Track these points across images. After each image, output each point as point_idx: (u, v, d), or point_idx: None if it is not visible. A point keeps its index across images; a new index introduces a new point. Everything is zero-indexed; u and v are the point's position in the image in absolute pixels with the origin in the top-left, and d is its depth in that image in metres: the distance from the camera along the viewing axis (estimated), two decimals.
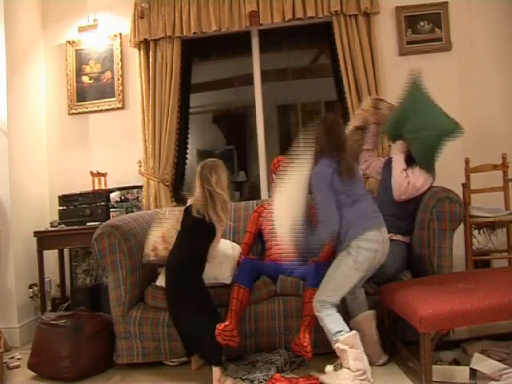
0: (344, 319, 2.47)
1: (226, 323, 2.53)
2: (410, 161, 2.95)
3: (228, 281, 2.90)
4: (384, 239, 2.51)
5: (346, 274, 2.46)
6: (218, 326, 2.49)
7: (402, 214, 2.95)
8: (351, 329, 2.43)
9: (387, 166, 3.11)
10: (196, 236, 2.65)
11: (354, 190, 2.53)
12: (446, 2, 3.90)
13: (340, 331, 2.39)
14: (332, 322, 2.43)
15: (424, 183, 2.88)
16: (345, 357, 2.35)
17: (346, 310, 2.66)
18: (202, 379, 2.63)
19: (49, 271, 3.89)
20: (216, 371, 2.47)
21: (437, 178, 2.96)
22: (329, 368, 2.50)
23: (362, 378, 2.31)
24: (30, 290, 3.78)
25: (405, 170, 2.91)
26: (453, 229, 2.74)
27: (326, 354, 2.64)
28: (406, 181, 2.87)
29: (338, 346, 2.38)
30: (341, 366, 2.40)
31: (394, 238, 2.91)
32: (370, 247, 2.43)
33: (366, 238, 2.43)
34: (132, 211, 3.78)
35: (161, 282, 2.91)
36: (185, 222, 2.72)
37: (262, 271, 2.97)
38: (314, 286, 2.68)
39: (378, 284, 2.78)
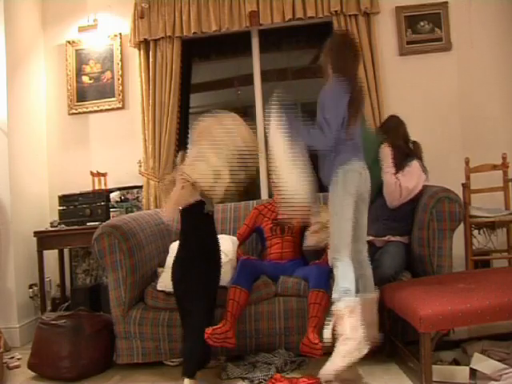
0: None
1: (217, 326, 2.51)
2: (399, 163, 2.95)
3: (228, 284, 2.90)
4: (364, 166, 2.55)
5: (340, 204, 2.43)
6: (206, 329, 2.45)
7: (399, 216, 2.94)
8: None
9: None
10: None
11: (352, 131, 2.49)
12: (446, 2, 3.90)
13: (347, 290, 2.33)
14: (343, 275, 2.37)
15: (417, 184, 2.89)
16: (341, 322, 2.30)
17: None
18: (202, 379, 2.64)
19: (49, 271, 3.89)
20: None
21: (429, 173, 2.95)
22: (326, 332, 2.39)
23: (359, 346, 2.26)
24: (30, 290, 3.78)
25: (394, 174, 2.91)
26: (453, 229, 2.74)
27: (329, 354, 2.66)
28: (397, 186, 2.87)
29: (338, 306, 2.33)
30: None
31: (392, 239, 2.92)
32: (354, 168, 2.46)
33: (351, 163, 2.46)
34: (132, 211, 3.78)
35: (161, 286, 2.91)
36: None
37: (262, 272, 2.97)
38: (318, 287, 2.68)
39: (377, 285, 2.77)
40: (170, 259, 3.07)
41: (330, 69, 2.55)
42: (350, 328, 2.29)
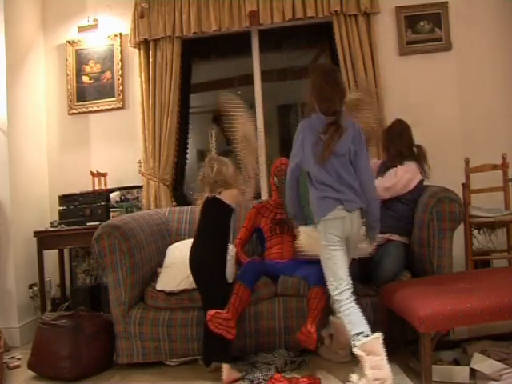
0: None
1: (222, 311, 2.51)
2: (396, 158, 2.97)
3: (230, 280, 2.90)
4: (348, 210, 2.39)
5: (327, 252, 2.38)
6: (208, 311, 2.48)
7: (397, 215, 2.94)
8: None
9: (380, 169, 3.12)
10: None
11: (325, 170, 2.39)
12: (446, 2, 3.90)
13: (358, 333, 2.24)
14: (350, 322, 2.30)
15: (397, 183, 2.90)
16: (362, 363, 2.21)
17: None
18: (202, 379, 2.64)
19: (49, 271, 3.89)
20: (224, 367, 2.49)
21: (429, 173, 2.96)
22: (353, 377, 2.29)
23: None
24: (30, 290, 3.78)
25: (387, 188, 2.92)
26: (453, 229, 2.74)
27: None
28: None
29: (355, 351, 2.24)
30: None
31: (392, 238, 2.91)
32: (334, 216, 2.36)
33: (330, 218, 2.37)
34: (132, 211, 3.78)
35: (161, 285, 2.92)
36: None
37: (264, 272, 2.97)
38: (318, 284, 2.68)
39: (377, 286, 2.78)
40: (168, 260, 3.08)
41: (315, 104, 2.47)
42: (370, 368, 2.17)
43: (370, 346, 2.20)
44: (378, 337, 2.22)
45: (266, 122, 4.27)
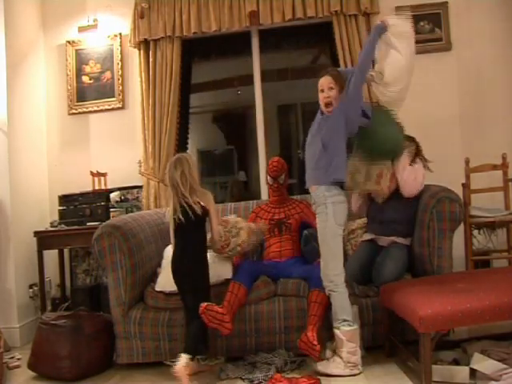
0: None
1: (215, 305, 2.54)
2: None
3: (230, 275, 2.91)
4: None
5: (333, 236, 2.56)
6: (201, 304, 2.51)
7: (402, 218, 2.93)
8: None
9: None
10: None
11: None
12: (446, 2, 3.90)
13: (346, 320, 2.51)
14: (341, 306, 2.53)
15: (423, 177, 2.89)
16: (340, 345, 2.50)
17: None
18: (202, 379, 2.64)
19: (49, 271, 3.89)
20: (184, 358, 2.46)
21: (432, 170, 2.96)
22: (328, 353, 2.61)
23: (351, 367, 2.49)
24: (30, 290, 3.78)
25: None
26: (453, 229, 2.74)
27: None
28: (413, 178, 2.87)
29: (337, 333, 2.51)
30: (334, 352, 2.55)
31: (396, 240, 2.90)
32: (342, 200, 2.59)
33: (340, 195, 2.59)
34: (132, 211, 3.78)
35: (160, 286, 2.92)
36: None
37: (262, 272, 2.97)
38: (318, 287, 2.68)
39: (377, 287, 2.77)
40: (165, 261, 3.08)
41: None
42: (347, 352, 2.48)
43: (350, 334, 2.49)
44: (358, 328, 2.54)
45: (266, 122, 4.27)
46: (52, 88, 4.28)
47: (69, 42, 4.23)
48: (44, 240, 3.73)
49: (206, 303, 2.52)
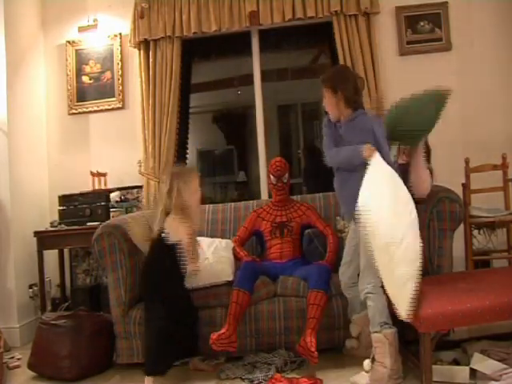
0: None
1: (222, 331, 2.56)
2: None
3: (230, 277, 2.91)
4: None
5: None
6: (211, 335, 2.53)
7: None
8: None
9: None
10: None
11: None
12: (446, 2, 3.90)
13: (386, 323, 2.39)
14: (380, 309, 2.41)
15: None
16: (381, 350, 2.35)
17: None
18: (202, 379, 2.64)
19: (49, 271, 3.88)
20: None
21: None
22: (366, 363, 2.43)
23: (395, 377, 2.34)
24: (30, 290, 3.78)
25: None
26: (453, 229, 2.74)
27: (327, 350, 2.69)
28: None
29: (379, 336, 2.37)
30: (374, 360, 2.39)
31: None
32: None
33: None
34: (132, 211, 3.78)
35: None
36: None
37: (263, 272, 2.97)
38: (317, 288, 2.68)
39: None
40: None
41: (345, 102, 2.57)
42: (390, 357, 2.34)
43: (393, 336, 2.37)
44: (396, 330, 2.40)
45: (266, 122, 4.27)
46: (52, 88, 4.28)
47: (69, 41, 4.23)
48: (44, 240, 3.73)
49: (216, 334, 2.53)
